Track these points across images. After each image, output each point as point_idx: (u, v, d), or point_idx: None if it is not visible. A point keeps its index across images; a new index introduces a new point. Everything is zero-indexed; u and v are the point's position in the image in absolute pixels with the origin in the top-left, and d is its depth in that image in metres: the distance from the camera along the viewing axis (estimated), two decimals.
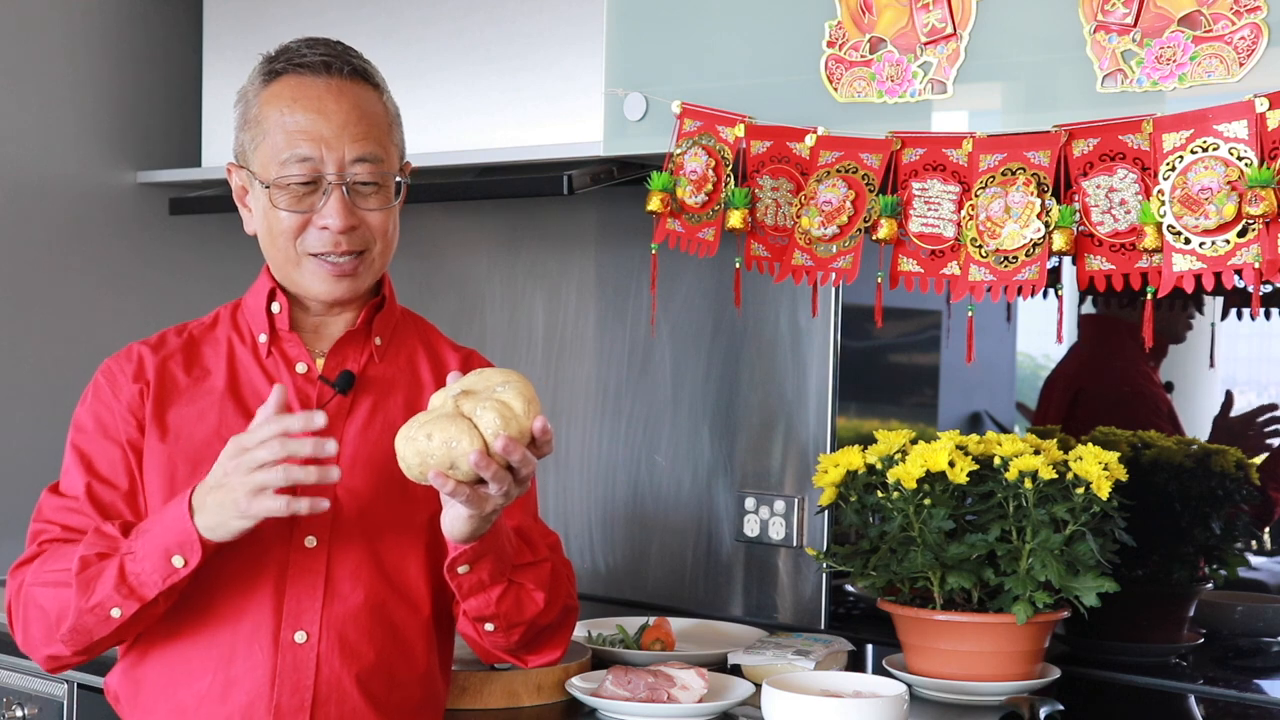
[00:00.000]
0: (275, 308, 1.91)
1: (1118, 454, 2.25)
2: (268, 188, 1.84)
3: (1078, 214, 2.06)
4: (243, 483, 1.67)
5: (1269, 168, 1.87)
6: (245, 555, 1.81)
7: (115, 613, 1.75)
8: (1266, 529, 2.46)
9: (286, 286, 1.91)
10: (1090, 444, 2.26)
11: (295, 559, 1.83)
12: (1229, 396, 2.45)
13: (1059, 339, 2.12)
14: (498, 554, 1.79)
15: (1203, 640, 2.52)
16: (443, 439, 1.65)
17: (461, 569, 1.78)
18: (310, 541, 1.83)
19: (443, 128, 2.82)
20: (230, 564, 1.81)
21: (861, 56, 2.25)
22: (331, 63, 1.85)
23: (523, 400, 1.68)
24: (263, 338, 1.91)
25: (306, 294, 1.90)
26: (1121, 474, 2.23)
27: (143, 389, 1.87)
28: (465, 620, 1.88)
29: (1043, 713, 2.34)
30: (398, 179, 1.90)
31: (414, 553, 1.88)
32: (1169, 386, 2.52)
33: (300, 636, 1.82)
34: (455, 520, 1.73)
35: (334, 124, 1.83)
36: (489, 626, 1.85)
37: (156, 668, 1.85)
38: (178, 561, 1.72)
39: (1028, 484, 2.23)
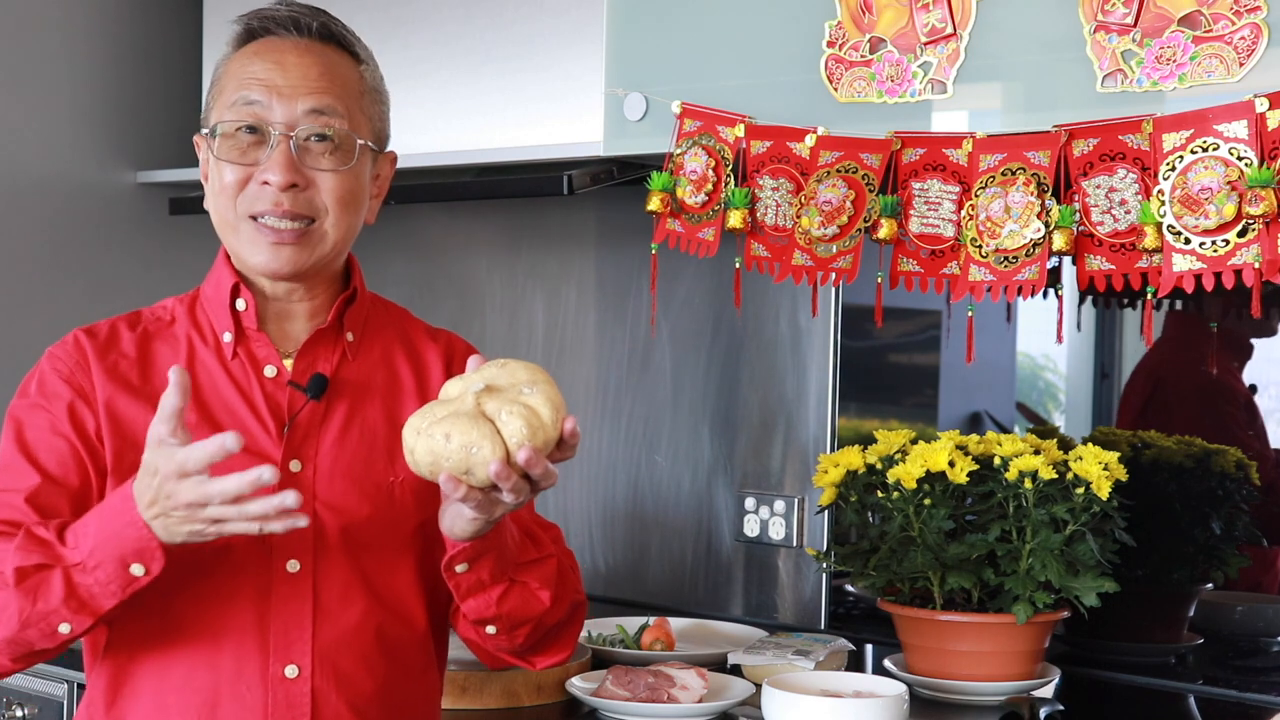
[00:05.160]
0: (241, 304, 1.74)
1: (1118, 454, 2.25)
2: (212, 133, 1.71)
3: (1078, 214, 2.07)
4: (188, 526, 1.51)
5: (1269, 168, 1.87)
6: (221, 586, 1.66)
7: (64, 628, 1.57)
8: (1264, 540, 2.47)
9: (233, 261, 1.74)
10: (1090, 444, 2.26)
11: (278, 586, 1.67)
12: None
13: (1059, 339, 2.12)
14: (499, 552, 1.67)
15: (1203, 640, 2.52)
16: (462, 443, 1.51)
17: (460, 568, 1.64)
18: (293, 566, 1.67)
19: (443, 128, 2.82)
20: (205, 597, 1.66)
21: (861, 56, 2.25)
22: (300, 20, 1.73)
23: (551, 407, 1.55)
24: (227, 337, 1.74)
25: (245, 267, 1.73)
26: (1121, 474, 2.22)
27: (92, 388, 1.70)
28: (466, 624, 1.76)
29: (1043, 713, 2.34)
30: (361, 142, 1.73)
31: (404, 566, 1.74)
32: (1253, 389, 2.50)
33: (291, 671, 1.66)
34: (457, 519, 1.60)
35: (291, 76, 1.70)
36: (490, 629, 1.71)
37: (130, 717, 1.68)
38: (137, 570, 1.54)
39: (1028, 484, 2.23)
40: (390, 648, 1.73)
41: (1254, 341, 2.51)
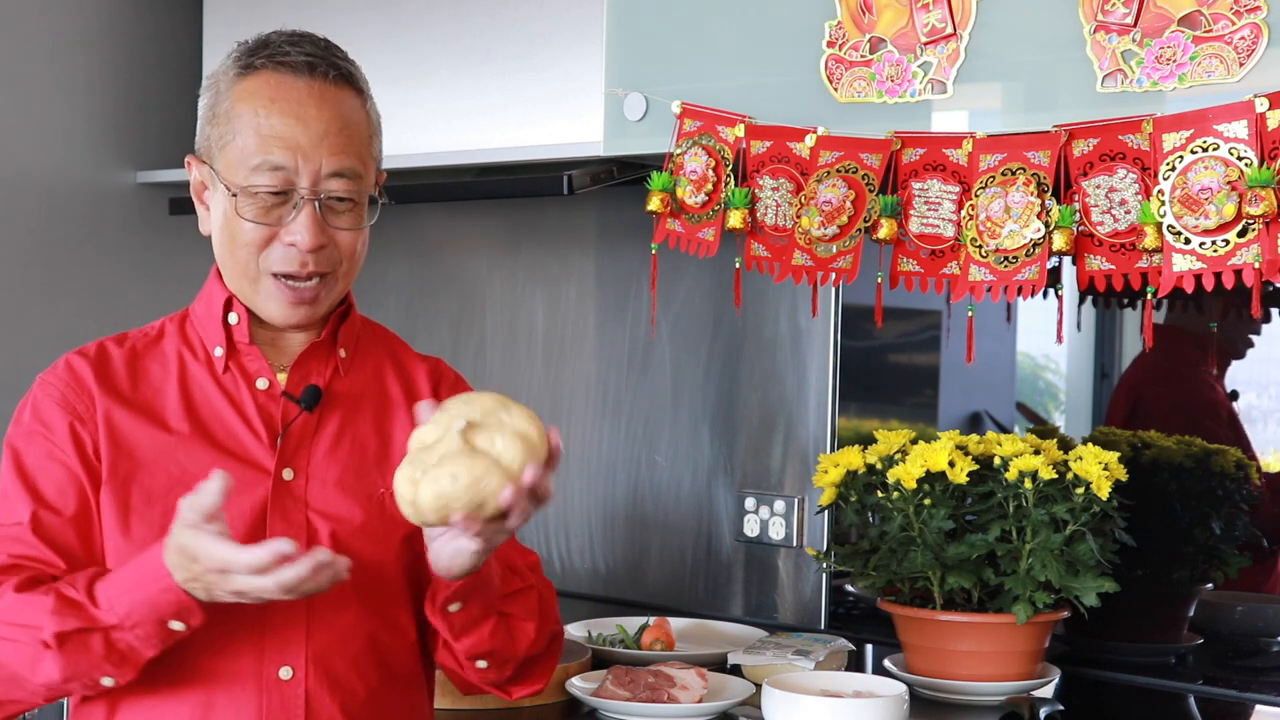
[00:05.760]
0: (233, 319, 1.76)
1: (1118, 454, 2.25)
2: (234, 195, 1.70)
3: (1078, 214, 2.07)
4: (233, 599, 1.56)
5: (1269, 168, 1.87)
6: None
7: (108, 681, 1.62)
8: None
9: (240, 299, 1.76)
10: (1090, 444, 2.26)
11: None
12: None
13: (1059, 339, 2.12)
14: (487, 586, 1.68)
15: (1203, 640, 2.52)
16: (470, 480, 1.51)
17: (453, 607, 1.66)
18: None
19: (443, 128, 2.82)
20: None
21: (861, 56, 2.25)
22: (315, 64, 1.71)
23: (533, 424, 1.56)
24: (218, 351, 1.76)
25: (260, 314, 1.76)
26: (1121, 474, 2.23)
27: (87, 416, 1.71)
28: (446, 653, 1.77)
29: (1043, 713, 2.34)
30: (372, 196, 1.76)
31: (393, 575, 1.75)
32: (1234, 395, 2.51)
33: (285, 672, 1.68)
34: (457, 557, 1.60)
35: (313, 133, 1.68)
36: (481, 664, 1.73)
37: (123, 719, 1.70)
38: (177, 626, 1.58)
39: (1028, 484, 2.23)
40: (381, 654, 1.75)
41: (1246, 341, 2.52)
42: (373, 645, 1.74)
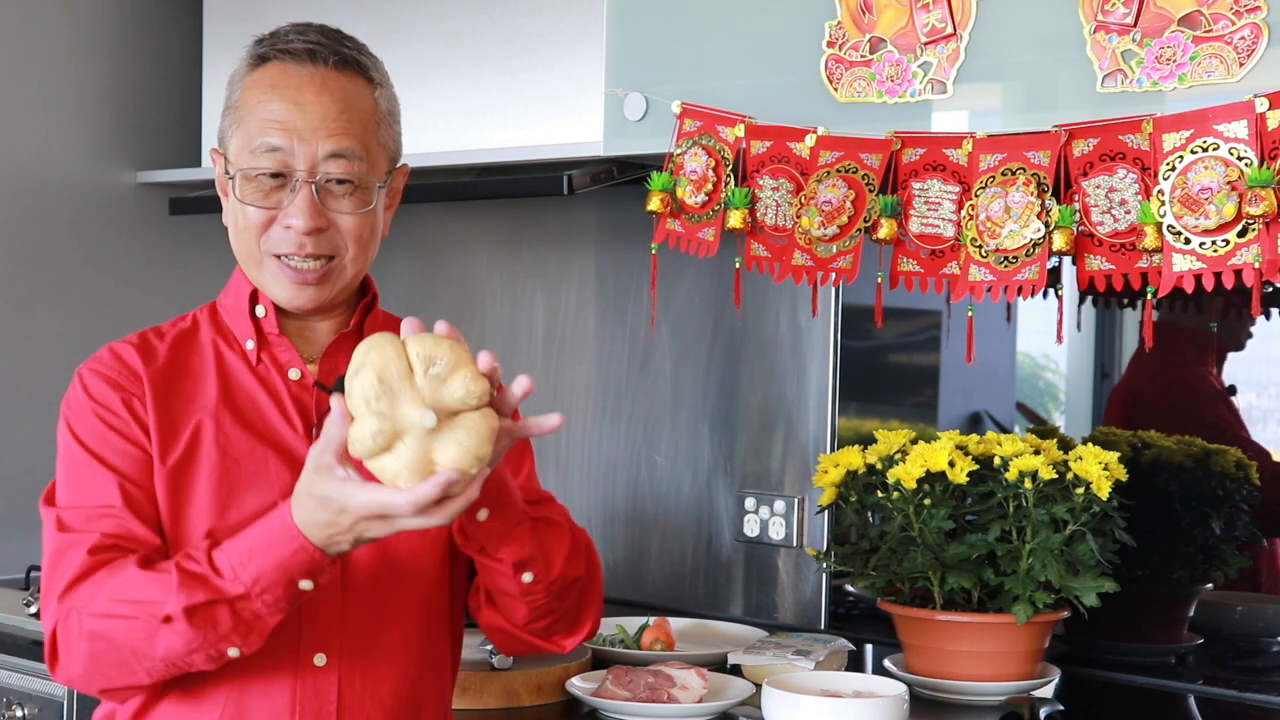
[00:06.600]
0: (260, 311, 1.79)
1: (1118, 454, 2.25)
2: (232, 177, 1.73)
3: (1078, 214, 2.07)
4: (353, 541, 1.56)
5: (1269, 168, 1.87)
6: None
7: (234, 652, 1.61)
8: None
9: (255, 286, 1.79)
10: (1090, 444, 2.26)
11: None
12: None
13: (1059, 339, 2.12)
14: (508, 492, 1.64)
15: (1203, 640, 2.52)
16: (477, 440, 1.48)
17: (481, 515, 1.61)
18: None
19: (443, 128, 2.82)
20: None
21: (861, 56, 2.25)
22: (318, 51, 1.73)
23: (459, 357, 1.50)
24: (250, 344, 1.78)
25: (272, 298, 1.77)
26: (1121, 474, 2.22)
27: (139, 396, 1.73)
28: (492, 610, 1.75)
29: (1043, 713, 2.34)
30: (380, 185, 1.76)
31: (432, 564, 1.77)
32: (1231, 390, 2.50)
33: (320, 659, 1.70)
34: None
35: (311, 117, 1.71)
36: (527, 576, 1.67)
37: (160, 704, 1.72)
38: (305, 585, 1.58)
39: (1028, 484, 2.23)
40: (417, 642, 1.76)
41: (1243, 335, 2.52)
42: (409, 638, 1.75)
